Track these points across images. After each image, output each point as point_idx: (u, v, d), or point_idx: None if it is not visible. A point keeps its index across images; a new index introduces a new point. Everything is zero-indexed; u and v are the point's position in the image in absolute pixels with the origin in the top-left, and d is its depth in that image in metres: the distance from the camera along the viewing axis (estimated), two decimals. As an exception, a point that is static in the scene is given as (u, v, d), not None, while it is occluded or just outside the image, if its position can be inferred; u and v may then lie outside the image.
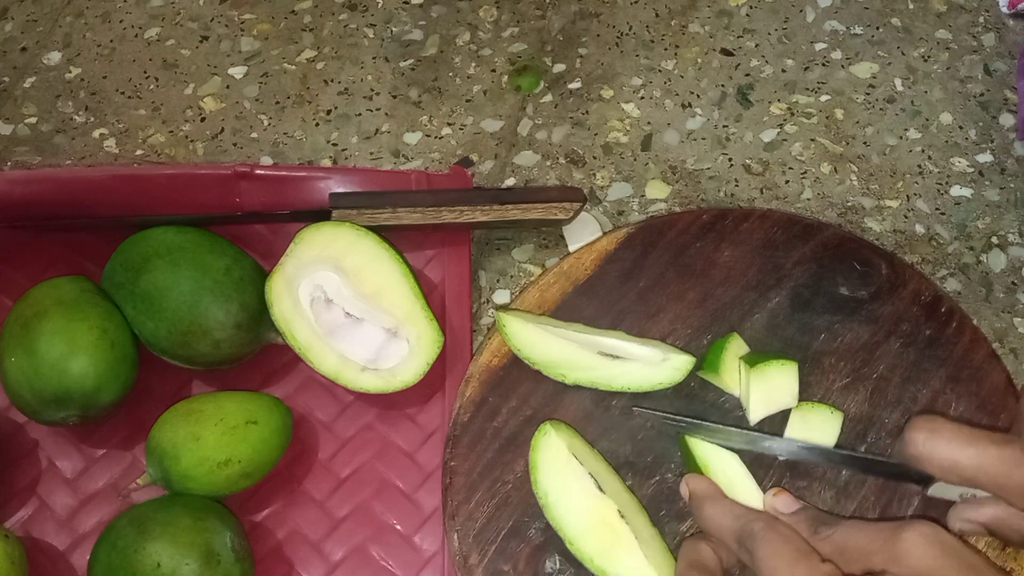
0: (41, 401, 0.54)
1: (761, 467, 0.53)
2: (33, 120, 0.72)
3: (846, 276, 0.59)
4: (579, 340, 0.56)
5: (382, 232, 0.59)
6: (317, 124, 0.71)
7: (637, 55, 0.73)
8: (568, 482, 0.51)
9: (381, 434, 0.58)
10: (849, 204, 0.65)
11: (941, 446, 0.43)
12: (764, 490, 0.50)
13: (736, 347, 0.56)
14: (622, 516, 0.50)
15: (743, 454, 0.52)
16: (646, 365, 0.55)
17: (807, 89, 0.71)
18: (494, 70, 0.73)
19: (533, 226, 0.64)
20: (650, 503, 0.53)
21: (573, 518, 0.51)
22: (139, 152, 0.70)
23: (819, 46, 0.73)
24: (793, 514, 0.47)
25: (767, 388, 0.54)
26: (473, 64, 0.74)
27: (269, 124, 0.71)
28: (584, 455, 0.53)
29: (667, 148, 0.69)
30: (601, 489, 0.51)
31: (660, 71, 0.72)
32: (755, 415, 0.54)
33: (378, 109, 0.72)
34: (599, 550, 0.50)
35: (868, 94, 0.70)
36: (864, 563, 0.42)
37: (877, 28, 0.73)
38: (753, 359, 0.55)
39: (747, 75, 0.72)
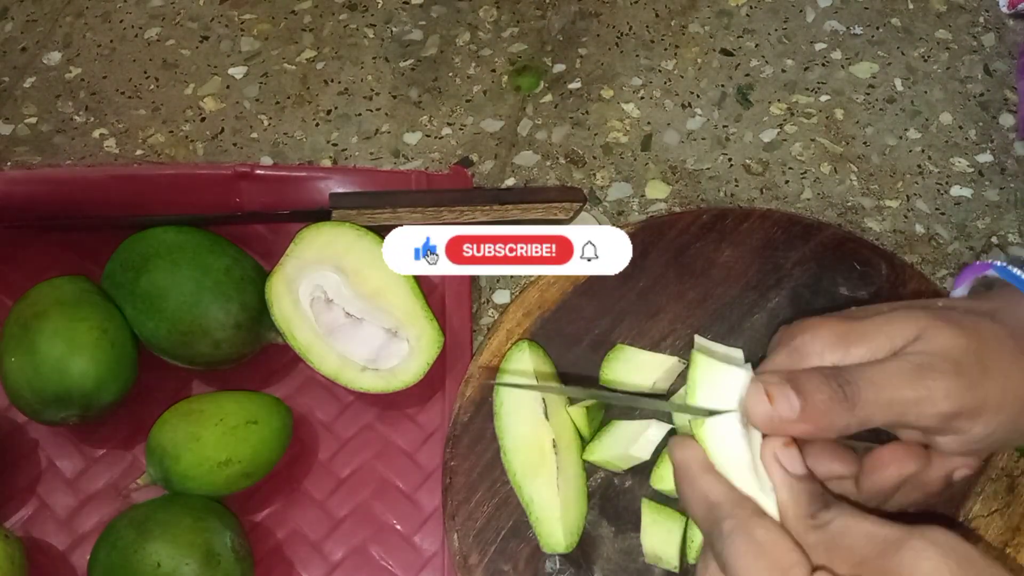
0: (41, 401, 0.54)
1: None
2: (33, 120, 0.72)
3: (846, 276, 0.59)
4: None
5: (382, 232, 0.59)
6: (317, 124, 0.71)
7: (637, 55, 0.73)
8: (521, 399, 0.54)
9: (381, 434, 0.58)
10: (849, 204, 0.65)
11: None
12: None
13: None
14: (554, 446, 0.52)
15: None
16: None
17: (807, 89, 0.71)
18: (494, 70, 0.73)
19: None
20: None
21: (514, 432, 0.53)
22: (139, 152, 0.70)
23: (819, 46, 0.73)
24: (795, 480, 0.37)
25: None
26: (473, 64, 0.74)
27: (269, 124, 0.71)
28: (546, 382, 0.55)
29: (667, 148, 0.69)
30: (547, 416, 0.53)
31: (660, 71, 0.72)
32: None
33: (378, 109, 0.72)
34: (523, 468, 0.52)
35: (868, 94, 0.70)
36: (855, 569, 0.35)
37: (877, 28, 0.73)
38: None
39: (747, 75, 0.72)
